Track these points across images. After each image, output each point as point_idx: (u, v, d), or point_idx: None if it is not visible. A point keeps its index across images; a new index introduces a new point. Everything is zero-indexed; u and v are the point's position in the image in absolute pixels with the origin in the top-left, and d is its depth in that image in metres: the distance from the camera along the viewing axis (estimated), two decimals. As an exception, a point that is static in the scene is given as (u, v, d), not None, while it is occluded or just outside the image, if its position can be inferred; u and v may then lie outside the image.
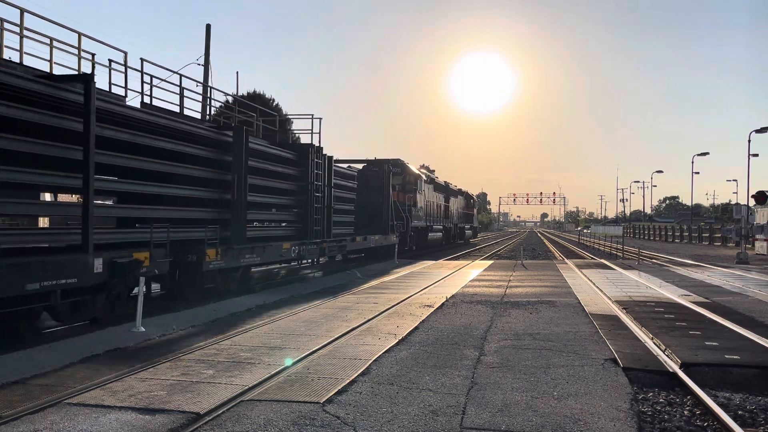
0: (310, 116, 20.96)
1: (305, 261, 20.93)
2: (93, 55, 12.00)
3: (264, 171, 17.37)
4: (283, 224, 19.45)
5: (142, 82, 13.49)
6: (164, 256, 12.41)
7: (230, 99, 24.57)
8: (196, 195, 14.72)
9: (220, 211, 15.41)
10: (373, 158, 31.70)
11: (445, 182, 48.49)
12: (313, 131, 20.59)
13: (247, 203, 15.78)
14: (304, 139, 21.72)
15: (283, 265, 19.61)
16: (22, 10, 10.29)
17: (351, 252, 25.46)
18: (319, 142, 20.76)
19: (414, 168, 36.18)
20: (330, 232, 21.54)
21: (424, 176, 38.50)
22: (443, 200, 45.10)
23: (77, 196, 11.90)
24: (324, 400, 6.25)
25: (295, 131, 20.80)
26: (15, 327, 9.72)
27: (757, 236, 37.60)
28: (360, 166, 30.04)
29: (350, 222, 25.25)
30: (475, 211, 71.39)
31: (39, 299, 9.56)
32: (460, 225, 54.53)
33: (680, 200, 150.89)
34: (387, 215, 29.54)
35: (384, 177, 29.67)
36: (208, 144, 14.97)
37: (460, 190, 55.77)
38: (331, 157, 22.00)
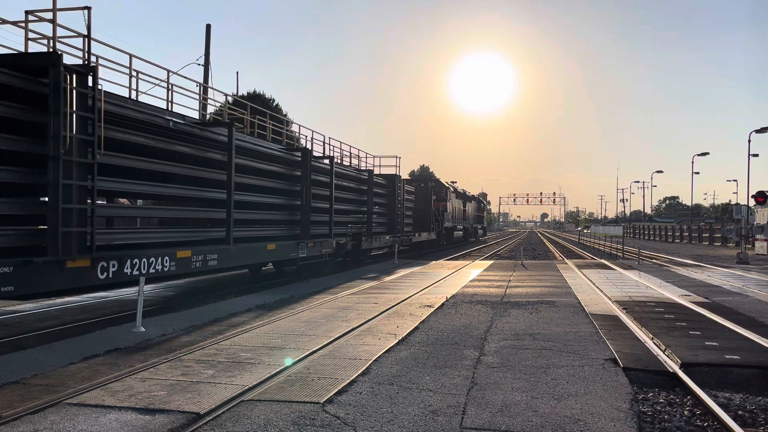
0: (395, 156, 33.58)
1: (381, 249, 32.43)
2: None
3: (377, 193, 29.32)
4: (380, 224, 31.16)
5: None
6: (350, 240, 23.91)
7: (229, 99, 24.69)
8: (356, 209, 26.70)
9: (362, 217, 27.22)
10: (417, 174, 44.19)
11: (463, 190, 57.30)
12: (397, 165, 32.35)
13: (373, 212, 27.99)
14: (388, 169, 32.75)
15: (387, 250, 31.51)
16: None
17: (415, 244, 36.58)
18: (398, 171, 32.38)
19: (444, 182, 47.17)
20: (404, 230, 33.13)
21: (451, 188, 48.45)
22: (462, 205, 54.90)
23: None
24: (324, 400, 6.24)
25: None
26: (313, 270, 20.52)
27: (757, 236, 37.58)
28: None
29: (411, 223, 36.50)
30: (485, 213, 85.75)
31: (318, 258, 20.55)
32: (474, 225, 65.78)
33: (680, 200, 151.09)
34: (430, 219, 40.04)
35: (428, 190, 40.41)
36: (354, 179, 26.57)
37: (473, 196, 67.77)
38: (404, 180, 34.34)
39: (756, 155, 41.96)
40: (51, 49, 10.13)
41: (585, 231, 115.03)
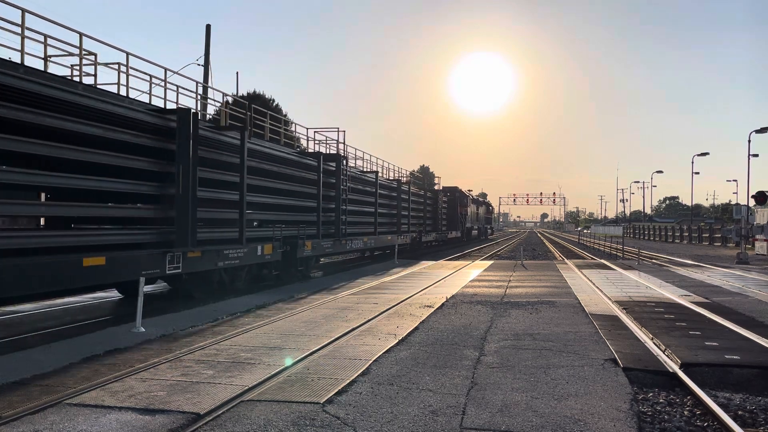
0: (437, 177, 66.46)
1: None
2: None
3: (428, 203, 44.24)
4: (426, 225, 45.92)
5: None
6: (416, 236, 40.12)
7: (229, 99, 24.77)
8: (417, 214, 40.72)
9: (421, 219, 41.92)
10: (444, 186, 55.04)
11: (476, 196, 70.76)
12: (438, 183, 52.50)
13: (427, 217, 43.52)
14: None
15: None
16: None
17: (448, 239, 51.10)
18: (440, 187, 50.44)
19: (464, 191, 58.46)
20: (442, 229, 48.21)
21: (470, 196, 61.26)
22: (476, 209, 67.33)
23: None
24: (324, 400, 6.24)
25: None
26: (384, 257, 34.12)
27: (757, 236, 37.58)
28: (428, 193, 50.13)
29: (445, 224, 49.90)
30: (492, 215, 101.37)
31: (402, 245, 35.58)
32: (485, 226, 79.35)
33: (680, 200, 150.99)
34: (457, 221, 53.47)
35: (455, 199, 53.43)
36: (416, 195, 40.83)
37: (484, 201, 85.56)
38: (442, 192, 49.87)
39: (756, 155, 42.04)
40: (338, 152, 25.99)
41: (585, 231, 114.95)
